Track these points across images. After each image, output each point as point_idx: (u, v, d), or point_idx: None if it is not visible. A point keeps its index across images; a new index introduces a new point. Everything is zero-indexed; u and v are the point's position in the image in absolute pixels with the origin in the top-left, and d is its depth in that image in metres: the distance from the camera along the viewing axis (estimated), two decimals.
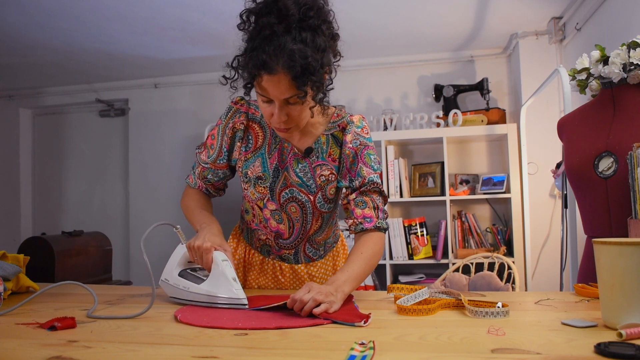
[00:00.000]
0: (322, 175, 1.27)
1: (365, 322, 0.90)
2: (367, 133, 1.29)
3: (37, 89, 4.42)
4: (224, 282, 1.07)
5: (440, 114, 3.40)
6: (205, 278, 1.12)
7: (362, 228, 1.21)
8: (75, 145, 4.55)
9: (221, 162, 1.31)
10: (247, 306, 1.04)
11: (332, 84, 1.16)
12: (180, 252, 1.19)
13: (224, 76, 1.14)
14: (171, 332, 0.85)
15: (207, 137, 1.33)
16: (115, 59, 3.66)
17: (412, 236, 3.35)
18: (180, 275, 1.15)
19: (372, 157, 1.26)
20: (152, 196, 4.21)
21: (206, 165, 1.32)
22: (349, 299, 1.08)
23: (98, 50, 3.46)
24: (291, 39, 1.02)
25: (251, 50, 1.04)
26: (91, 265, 3.08)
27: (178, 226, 1.14)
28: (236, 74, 1.12)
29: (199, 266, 1.19)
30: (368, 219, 1.22)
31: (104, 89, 4.33)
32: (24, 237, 3.85)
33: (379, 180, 1.25)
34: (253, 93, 1.17)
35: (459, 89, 3.51)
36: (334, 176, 1.28)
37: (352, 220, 1.24)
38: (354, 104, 3.85)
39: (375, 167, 1.26)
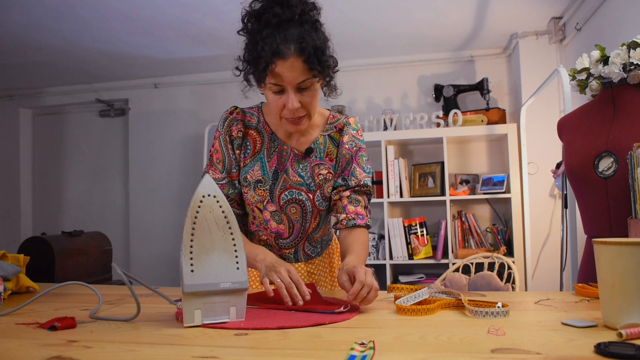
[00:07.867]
0: (320, 174, 1.31)
1: (344, 308, 0.95)
2: (362, 135, 1.37)
3: (37, 89, 4.42)
4: None
5: (440, 114, 3.40)
6: None
7: (355, 224, 1.30)
8: (75, 145, 4.55)
9: (236, 169, 1.30)
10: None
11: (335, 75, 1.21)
12: None
13: (237, 68, 1.16)
14: (171, 332, 0.84)
15: (210, 156, 1.31)
16: (115, 59, 3.66)
17: (412, 236, 3.35)
18: None
19: (364, 159, 1.35)
20: (152, 196, 4.21)
21: (222, 182, 1.28)
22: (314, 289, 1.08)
23: (98, 50, 3.46)
24: (297, 26, 1.08)
25: (261, 40, 1.08)
26: (91, 265, 3.08)
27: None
28: (248, 66, 1.14)
29: None
30: (360, 216, 1.31)
31: (104, 89, 4.33)
32: (24, 237, 3.85)
33: (371, 184, 1.35)
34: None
35: (459, 89, 3.51)
36: (331, 175, 1.33)
37: (344, 215, 1.30)
38: (354, 104, 3.85)
39: (367, 170, 1.34)
